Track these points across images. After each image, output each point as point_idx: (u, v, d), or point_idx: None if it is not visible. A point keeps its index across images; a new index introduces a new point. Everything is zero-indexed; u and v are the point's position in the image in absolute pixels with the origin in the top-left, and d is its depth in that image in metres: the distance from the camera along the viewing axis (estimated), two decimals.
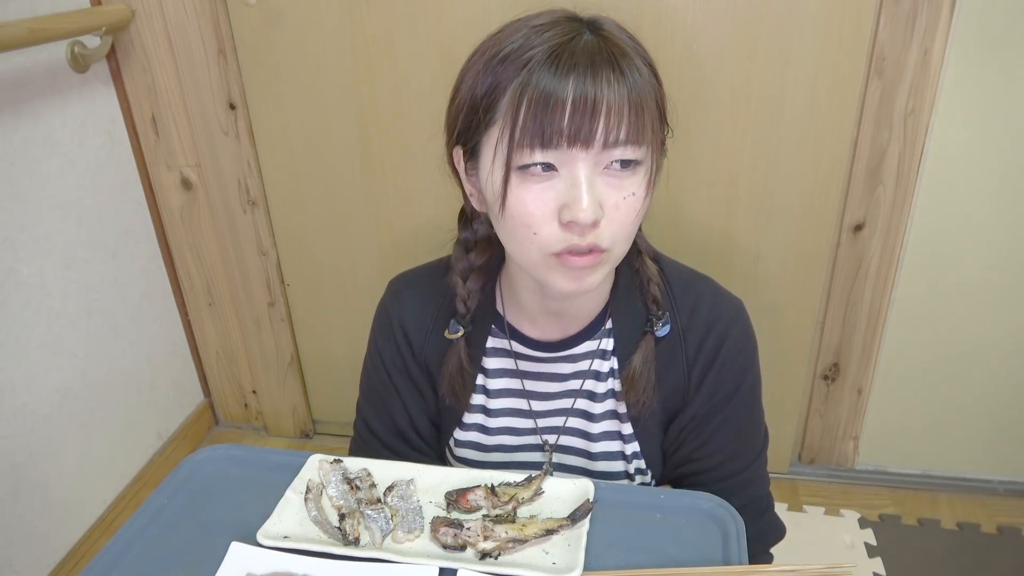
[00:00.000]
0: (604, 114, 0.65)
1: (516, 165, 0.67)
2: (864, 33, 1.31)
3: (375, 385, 0.93)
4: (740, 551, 0.70)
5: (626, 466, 0.89)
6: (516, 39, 0.68)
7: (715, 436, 0.86)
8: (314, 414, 1.98)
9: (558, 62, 0.65)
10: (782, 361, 1.62)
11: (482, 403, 0.90)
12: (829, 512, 1.67)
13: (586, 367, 0.87)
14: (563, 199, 0.67)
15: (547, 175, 0.67)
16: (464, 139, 0.73)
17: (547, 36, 0.67)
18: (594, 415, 0.88)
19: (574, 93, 0.64)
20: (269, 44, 1.51)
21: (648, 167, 0.71)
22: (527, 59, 0.66)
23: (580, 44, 0.66)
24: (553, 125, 0.65)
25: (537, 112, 0.65)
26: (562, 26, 0.68)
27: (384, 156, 1.56)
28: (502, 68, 0.67)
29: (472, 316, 0.86)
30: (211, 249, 1.77)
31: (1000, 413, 1.63)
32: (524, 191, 0.68)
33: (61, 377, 1.49)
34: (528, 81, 0.65)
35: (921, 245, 1.49)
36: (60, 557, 1.50)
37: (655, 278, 0.83)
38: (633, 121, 0.66)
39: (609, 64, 0.66)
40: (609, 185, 0.68)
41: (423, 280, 0.90)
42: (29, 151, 1.39)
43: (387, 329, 0.90)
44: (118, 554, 0.72)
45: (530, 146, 0.66)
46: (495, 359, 0.88)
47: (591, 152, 0.66)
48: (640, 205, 0.71)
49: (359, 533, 0.72)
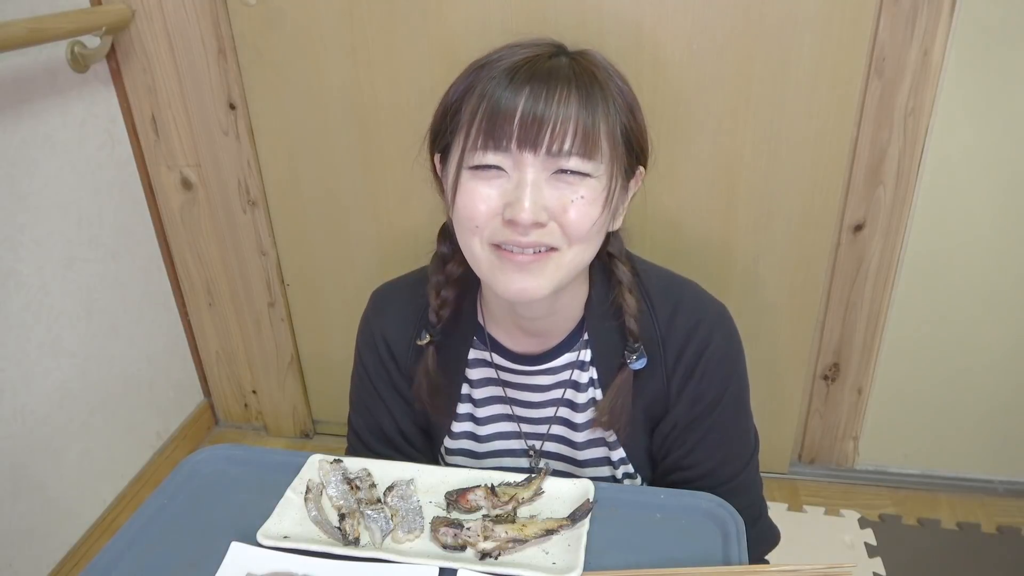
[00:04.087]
0: (551, 126, 0.68)
1: (468, 164, 0.72)
2: (864, 33, 1.31)
3: (363, 397, 0.94)
4: (740, 551, 0.70)
5: (613, 471, 0.89)
6: (494, 56, 0.73)
7: (701, 444, 0.85)
8: (314, 414, 1.98)
9: (516, 73, 0.69)
10: (782, 361, 1.62)
11: (469, 412, 0.91)
12: (829, 512, 1.67)
13: (566, 377, 0.87)
14: (507, 198, 0.70)
15: (496, 174, 0.71)
16: (438, 144, 0.77)
17: (522, 53, 0.72)
18: (577, 424, 0.88)
19: (524, 103, 0.68)
20: (269, 44, 1.51)
21: (606, 184, 0.72)
22: (493, 71, 0.71)
23: (546, 63, 0.71)
24: (503, 129, 0.68)
25: (490, 116, 0.69)
26: (542, 48, 0.73)
27: (384, 156, 1.56)
28: (472, 78, 0.72)
29: (452, 326, 0.87)
30: (211, 249, 1.77)
31: (1000, 413, 1.63)
32: (472, 187, 0.72)
33: (61, 377, 1.49)
34: (487, 89, 0.70)
35: (921, 245, 1.49)
36: (60, 557, 1.50)
37: (632, 312, 0.81)
38: (582, 134, 0.69)
39: (568, 83, 0.69)
40: (557, 188, 0.71)
41: (404, 292, 0.92)
42: (29, 151, 1.39)
43: (370, 342, 0.92)
44: (118, 554, 0.72)
45: (482, 148, 0.70)
46: (478, 370, 0.90)
47: (539, 157, 0.69)
48: (595, 211, 0.72)
49: (359, 533, 0.72)
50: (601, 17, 1.35)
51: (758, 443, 0.91)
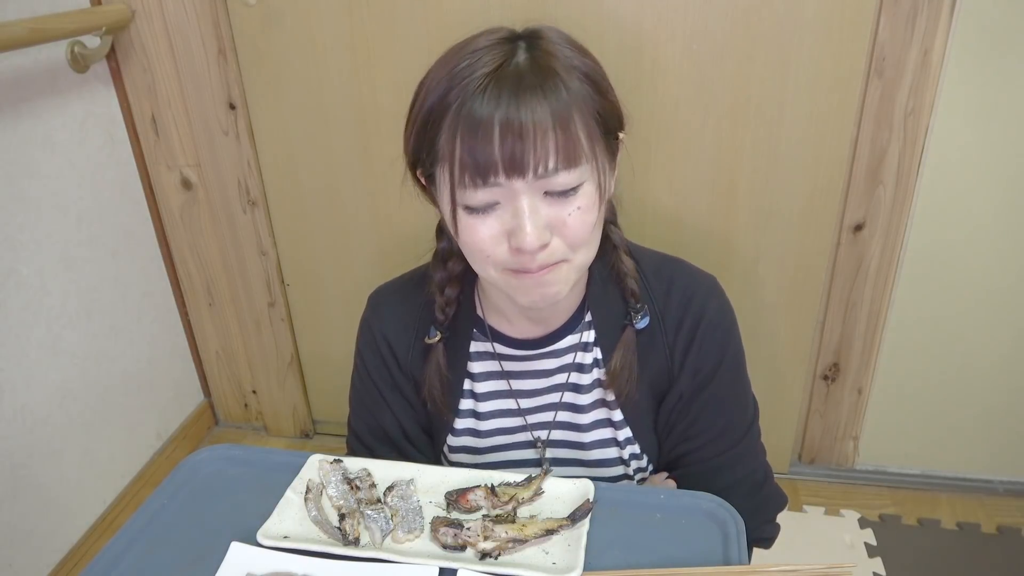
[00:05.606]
0: (532, 137, 0.67)
1: (461, 203, 0.71)
2: (864, 33, 1.31)
3: (364, 400, 0.95)
4: (740, 551, 0.70)
5: (620, 452, 0.90)
6: (455, 69, 0.70)
7: (703, 413, 0.87)
8: (314, 414, 1.98)
9: (484, 94, 0.68)
10: (782, 361, 1.62)
11: (471, 407, 0.91)
12: (829, 512, 1.67)
13: (570, 360, 0.88)
14: (508, 226, 0.71)
15: (492, 207, 0.71)
16: (420, 167, 0.77)
17: (483, 62, 0.69)
18: (582, 406, 0.89)
19: (501, 131, 0.67)
20: (269, 44, 1.51)
21: (594, 180, 0.72)
22: (459, 94, 0.69)
23: (509, 70, 0.69)
24: (485, 155, 0.67)
25: (469, 145, 0.68)
26: (498, 50, 0.71)
27: (384, 156, 1.56)
28: (439, 105, 0.70)
29: (453, 322, 0.88)
30: (211, 249, 1.77)
31: (1000, 413, 1.63)
32: (472, 225, 0.72)
33: (61, 377, 1.49)
34: (459, 118, 0.68)
35: (921, 245, 1.49)
36: (60, 557, 1.50)
37: (631, 272, 0.84)
38: (562, 142, 0.68)
39: (536, 93, 0.68)
40: (553, 204, 0.71)
41: (403, 292, 0.92)
42: (29, 151, 1.39)
43: (371, 344, 0.92)
44: (118, 554, 0.72)
45: (471, 184, 0.69)
46: (480, 363, 0.90)
47: (528, 180, 0.68)
48: (591, 215, 0.73)
49: (359, 533, 0.72)
50: (601, 17, 1.36)
51: (757, 410, 0.92)
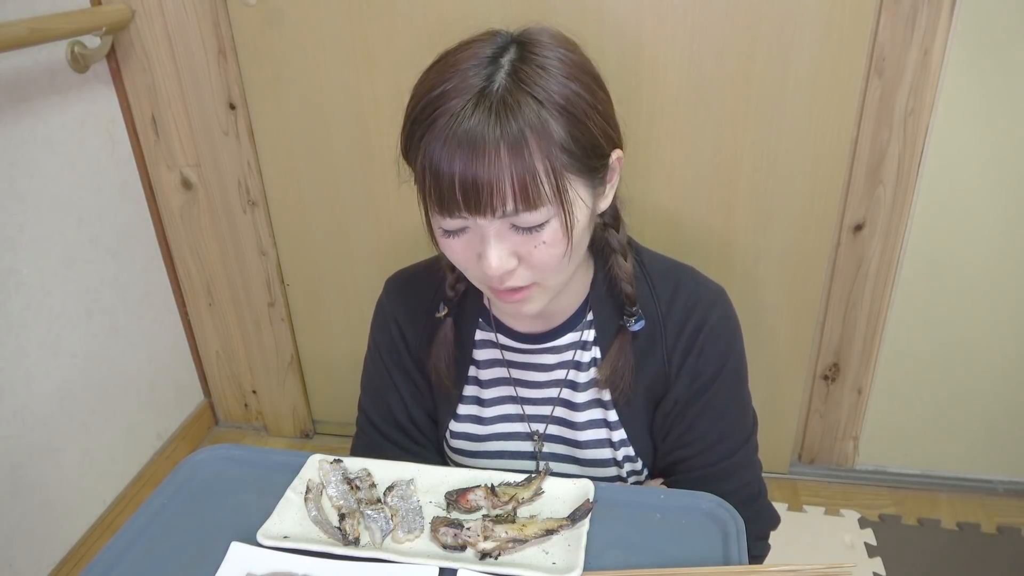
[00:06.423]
0: (488, 191, 0.67)
1: (435, 223, 0.73)
2: (864, 33, 1.31)
3: (374, 380, 0.97)
4: (740, 551, 0.70)
5: (614, 453, 0.90)
6: (434, 92, 0.70)
7: (700, 420, 0.87)
8: (314, 414, 1.98)
9: (446, 146, 0.66)
10: (782, 361, 1.62)
11: (475, 394, 0.93)
12: (829, 512, 1.67)
13: (569, 357, 0.89)
14: (478, 250, 0.72)
15: (463, 231, 0.72)
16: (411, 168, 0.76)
17: (459, 89, 0.68)
18: (577, 404, 0.90)
19: (460, 172, 0.66)
20: (269, 44, 1.51)
21: (559, 218, 0.70)
22: (428, 127, 0.68)
23: (476, 116, 0.66)
24: (450, 197, 0.68)
25: (435, 184, 0.68)
26: (480, 73, 0.69)
27: (384, 156, 1.56)
28: (417, 126, 0.70)
29: (461, 306, 0.90)
30: (211, 249, 1.77)
31: (1000, 413, 1.63)
32: (448, 244, 0.74)
33: (61, 377, 1.49)
34: (427, 153, 0.68)
35: (921, 245, 1.49)
36: (60, 557, 1.50)
37: (627, 277, 0.84)
38: (520, 192, 0.67)
39: (496, 134, 0.65)
40: (520, 235, 0.71)
41: (417, 277, 0.95)
42: (29, 151, 1.39)
43: (384, 326, 0.94)
44: (118, 554, 0.72)
45: (439, 212, 0.70)
46: (484, 351, 0.92)
47: (489, 219, 0.69)
48: (558, 248, 0.72)
49: (359, 533, 0.72)
50: (601, 18, 1.36)
51: (756, 423, 0.92)
